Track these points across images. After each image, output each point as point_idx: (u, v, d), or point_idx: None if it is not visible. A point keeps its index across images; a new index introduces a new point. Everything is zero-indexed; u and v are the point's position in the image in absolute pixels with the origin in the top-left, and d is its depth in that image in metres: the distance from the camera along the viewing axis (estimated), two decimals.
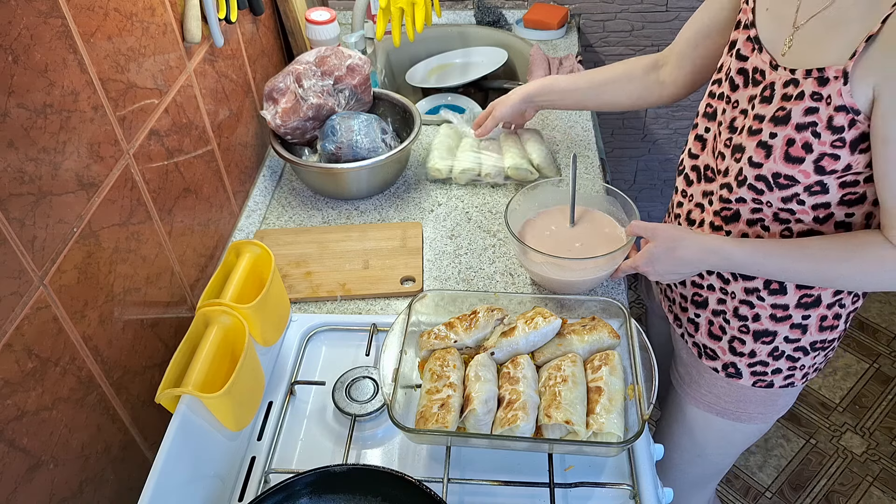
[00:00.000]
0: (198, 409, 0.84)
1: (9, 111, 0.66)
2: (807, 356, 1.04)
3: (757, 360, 1.05)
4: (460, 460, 0.92)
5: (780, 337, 1.02)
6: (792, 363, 1.04)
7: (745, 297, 1.01)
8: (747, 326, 1.03)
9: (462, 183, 1.36)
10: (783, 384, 1.07)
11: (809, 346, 1.02)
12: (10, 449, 0.67)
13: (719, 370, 1.09)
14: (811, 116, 0.83)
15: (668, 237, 0.96)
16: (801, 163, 0.85)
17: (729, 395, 1.11)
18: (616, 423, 0.85)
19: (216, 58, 1.17)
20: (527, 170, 1.31)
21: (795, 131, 0.85)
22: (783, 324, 1.00)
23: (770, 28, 0.90)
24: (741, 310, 1.02)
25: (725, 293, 1.03)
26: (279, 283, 1.01)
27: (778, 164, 0.87)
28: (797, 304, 0.98)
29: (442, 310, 1.01)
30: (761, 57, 0.90)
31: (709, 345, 1.09)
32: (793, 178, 0.87)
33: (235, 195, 1.26)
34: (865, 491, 1.96)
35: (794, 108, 0.84)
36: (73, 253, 0.77)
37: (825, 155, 0.84)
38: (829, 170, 0.84)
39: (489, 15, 1.86)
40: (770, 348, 1.03)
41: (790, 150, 0.86)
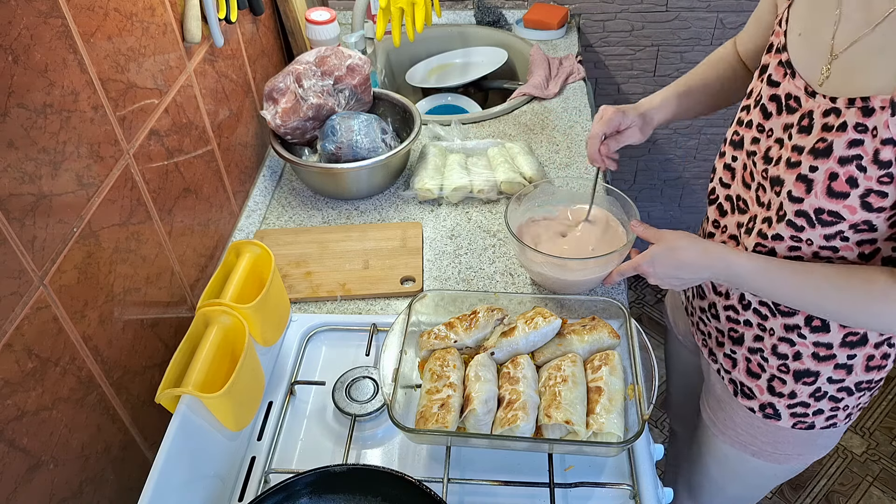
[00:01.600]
0: (198, 409, 0.84)
1: (9, 111, 0.66)
2: (851, 396, 0.97)
3: (797, 401, 0.98)
4: (460, 460, 0.92)
5: (822, 377, 0.95)
6: (835, 403, 0.98)
7: (785, 334, 0.94)
8: (787, 366, 0.96)
9: (454, 201, 1.33)
10: (825, 425, 1.01)
11: (854, 386, 0.95)
12: (10, 449, 0.67)
13: (756, 410, 1.03)
14: (856, 149, 0.77)
15: (672, 238, 0.92)
16: (845, 198, 0.79)
17: (766, 436, 1.05)
18: (616, 423, 0.85)
19: (216, 58, 1.17)
20: (520, 183, 1.30)
21: (839, 165, 0.78)
22: (826, 363, 0.93)
23: (803, 53, 0.84)
24: (780, 347, 0.95)
25: (763, 329, 0.96)
26: (279, 283, 1.01)
27: (820, 200, 0.81)
28: (842, 343, 0.91)
29: (442, 310, 1.01)
30: (794, 83, 0.84)
31: (746, 383, 1.02)
32: (837, 215, 0.80)
33: (235, 195, 1.26)
34: (865, 491, 1.96)
35: (836, 139, 0.78)
36: (73, 253, 0.77)
37: (871, 191, 0.77)
38: (877, 207, 0.78)
39: (489, 15, 1.86)
40: (812, 389, 0.96)
41: (833, 185, 0.79)
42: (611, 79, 2.06)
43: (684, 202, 2.37)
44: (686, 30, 1.94)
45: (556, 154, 1.44)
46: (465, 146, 1.43)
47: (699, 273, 0.92)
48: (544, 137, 1.49)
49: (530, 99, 1.61)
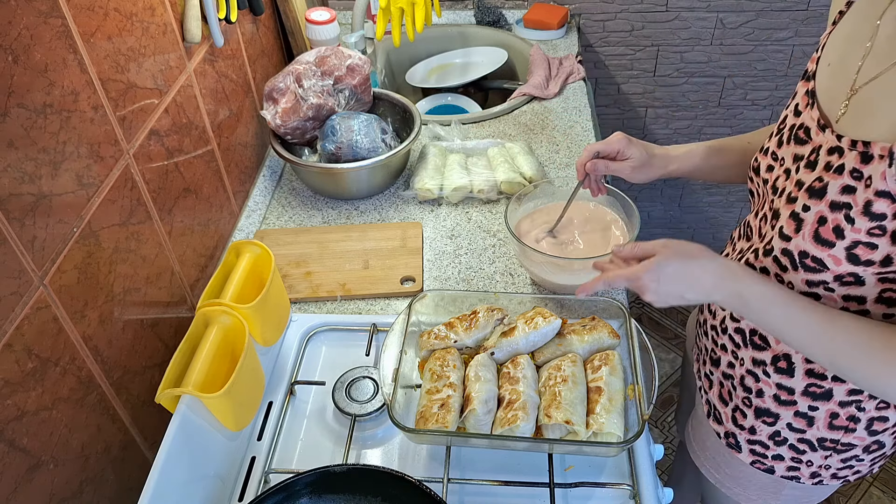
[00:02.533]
0: (198, 409, 0.84)
1: (9, 111, 0.66)
2: (815, 452, 0.91)
3: (757, 438, 0.95)
4: (460, 460, 0.92)
5: (782, 421, 0.90)
6: (796, 454, 0.92)
7: (752, 367, 0.90)
8: (750, 400, 0.93)
9: (454, 202, 1.33)
10: (786, 475, 0.96)
11: (817, 441, 0.90)
12: (10, 449, 0.67)
13: (721, 436, 1.00)
14: (847, 196, 0.71)
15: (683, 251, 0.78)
16: (831, 247, 0.73)
17: (730, 468, 1.02)
18: (616, 423, 0.85)
19: (216, 58, 1.17)
20: (520, 183, 1.30)
21: (829, 209, 0.73)
22: (787, 408, 0.89)
23: (828, 84, 0.78)
24: (746, 380, 0.92)
25: (736, 357, 0.93)
26: (279, 283, 1.01)
27: (807, 243, 0.75)
28: (804, 392, 0.86)
29: (442, 310, 1.01)
30: (811, 113, 0.78)
31: (718, 407, 0.99)
32: (822, 263, 0.74)
33: (235, 195, 1.26)
34: (865, 491, 1.96)
35: (831, 182, 0.72)
36: (73, 253, 0.77)
37: (859, 243, 0.71)
38: (865, 259, 0.72)
39: (489, 15, 1.86)
40: (771, 430, 0.92)
41: (820, 230, 0.73)
42: (611, 79, 2.07)
43: (684, 202, 2.37)
44: (686, 30, 1.94)
45: (556, 154, 1.44)
46: (465, 146, 1.43)
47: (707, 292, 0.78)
48: (544, 137, 1.49)
49: (530, 99, 1.61)
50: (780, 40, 1.94)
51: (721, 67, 2.01)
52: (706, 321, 1.00)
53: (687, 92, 2.08)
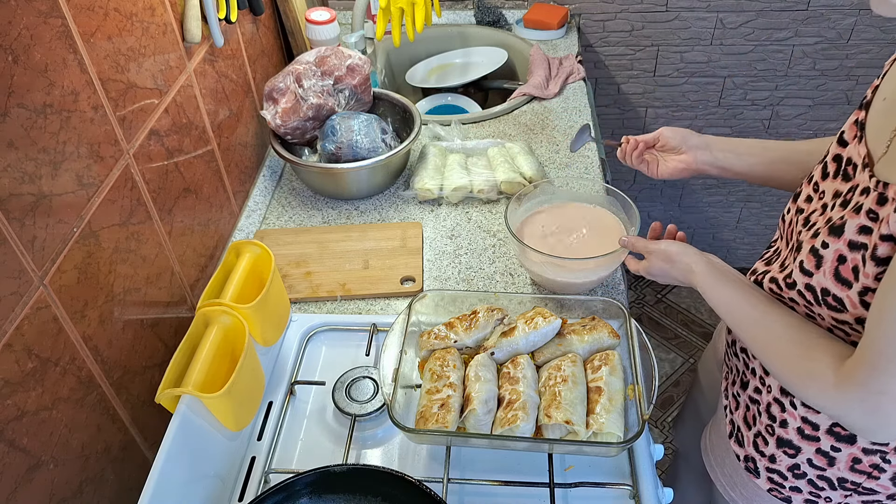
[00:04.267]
0: (198, 409, 0.84)
1: (9, 111, 0.66)
2: (835, 491, 0.88)
3: (776, 468, 0.93)
4: (460, 460, 0.92)
5: (803, 456, 0.88)
6: (815, 489, 0.90)
7: (779, 396, 0.88)
8: (773, 428, 0.90)
9: (454, 202, 1.33)
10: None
11: (837, 481, 0.87)
12: (10, 449, 0.67)
13: (741, 459, 0.98)
14: (864, 237, 0.69)
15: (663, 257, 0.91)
16: (849, 287, 0.71)
17: (746, 491, 1.00)
18: (616, 423, 0.85)
19: (216, 58, 1.17)
20: (520, 183, 1.30)
21: (848, 249, 0.71)
22: (810, 444, 0.86)
23: (879, 120, 0.73)
24: (773, 408, 0.90)
25: (763, 384, 0.91)
26: (279, 283, 1.01)
27: (828, 280, 0.74)
28: (828, 430, 0.84)
29: (442, 310, 1.01)
30: (858, 148, 0.75)
31: (741, 429, 0.97)
32: (842, 303, 0.73)
33: (235, 195, 1.26)
34: None
35: (849, 220, 0.71)
36: (73, 253, 0.77)
37: (869, 290, 0.69)
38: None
39: (489, 15, 1.86)
40: (791, 463, 0.90)
41: (840, 269, 0.72)
42: (611, 79, 2.07)
43: (684, 202, 2.37)
44: (686, 30, 1.94)
45: (556, 154, 1.44)
46: (465, 146, 1.43)
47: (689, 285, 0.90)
48: (544, 137, 1.49)
49: (530, 99, 1.61)
50: (780, 40, 1.94)
51: (721, 67, 2.01)
52: (735, 342, 0.98)
53: (687, 92, 2.08)
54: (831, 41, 1.95)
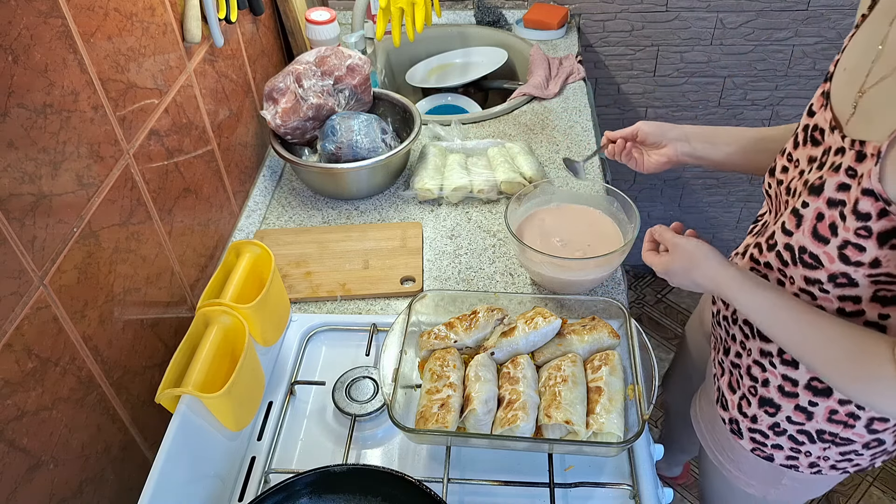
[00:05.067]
0: (198, 409, 0.84)
1: (9, 111, 0.66)
2: (814, 444, 0.93)
3: (758, 427, 0.98)
4: (460, 460, 0.92)
5: (783, 414, 0.93)
6: (795, 445, 0.95)
7: (760, 358, 0.92)
8: (756, 389, 0.95)
9: (454, 202, 1.33)
10: (785, 463, 0.98)
11: (816, 434, 0.92)
12: (10, 449, 0.67)
13: (726, 422, 1.03)
14: (842, 194, 0.73)
15: (687, 257, 0.87)
16: (825, 244, 0.76)
17: (731, 453, 1.06)
18: (616, 423, 0.85)
19: (216, 58, 1.17)
20: (520, 183, 1.30)
21: (826, 206, 0.75)
22: (789, 400, 0.91)
23: (842, 87, 0.79)
24: (753, 370, 0.94)
25: (744, 348, 0.95)
26: (279, 283, 1.01)
27: (805, 239, 0.78)
28: (806, 385, 0.88)
29: (442, 310, 1.01)
30: (825, 115, 0.80)
31: (725, 394, 1.02)
32: (818, 259, 0.77)
33: (235, 195, 1.26)
34: (865, 491, 1.96)
35: (829, 179, 0.75)
36: (73, 253, 0.77)
37: (849, 243, 0.73)
38: (854, 261, 0.74)
39: (489, 15, 1.86)
40: (772, 421, 0.95)
41: (818, 227, 0.76)
42: (611, 79, 2.07)
43: (684, 202, 2.37)
44: (686, 30, 1.94)
45: (556, 154, 1.44)
46: (465, 146, 1.43)
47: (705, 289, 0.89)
48: (544, 137, 1.49)
49: (530, 99, 1.61)
50: (780, 40, 1.95)
51: (721, 67, 2.02)
52: (719, 311, 1.02)
53: (687, 92, 2.08)
54: (831, 41, 1.95)
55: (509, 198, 1.32)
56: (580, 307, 1.01)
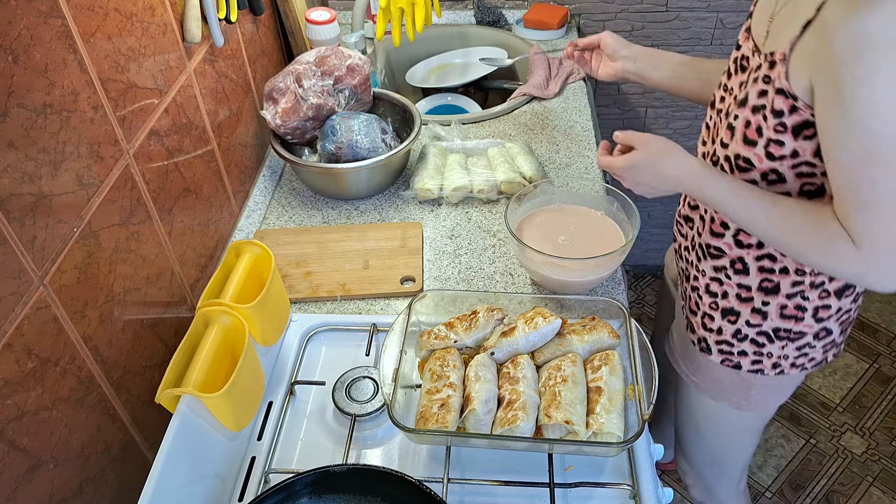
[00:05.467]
0: (198, 409, 0.84)
1: (9, 111, 0.66)
2: (772, 343, 1.05)
3: (723, 338, 1.09)
4: (460, 460, 0.92)
5: (742, 319, 1.05)
6: (757, 348, 1.07)
7: (714, 274, 1.05)
8: (717, 303, 1.07)
9: (454, 202, 1.33)
10: (751, 368, 1.09)
11: (773, 332, 1.04)
12: (10, 449, 0.67)
13: (695, 343, 1.14)
14: (762, 99, 0.86)
15: (658, 150, 0.93)
16: (753, 146, 0.88)
17: (705, 372, 1.16)
18: (616, 423, 0.85)
19: (216, 58, 1.17)
20: (520, 183, 1.30)
21: (751, 113, 0.88)
22: (746, 305, 1.03)
23: (758, 17, 0.92)
24: (712, 286, 1.07)
25: (699, 270, 1.08)
26: (279, 283, 1.01)
27: (738, 146, 0.91)
28: (758, 288, 1.01)
29: (442, 310, 1.01)
30: (748, 44, 0.92)
31: (690, 318, 1.15)
32: (749, 162, 0.90)
33: (235, 195, 1.26)
34: (865, 491, 1.96)
35: (751, 90, 0.88)
36: (73, 253, 0.77)
37: (772, 141, 0.86)
38: (778, 156, 0.87)
39: (489, 15, 1.86)
40: (734, 329, 1.06)
41: (747, 132, 0.89)
42: None
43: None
44: (686, 30, 1.94)
45: (556, 154, 1.44)
46: (465, 146, 1.43)
47: (675, 186, 0.94)
48: (544, 137, 1.49)
49: (530, 99, 1.61)
50: None
51: None
52: (680, 245, 1.14)
53: None
54: None
55: (509, 198, 1.32)
56: (580, 307, 1.01)
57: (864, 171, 0.76)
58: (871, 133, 0.74)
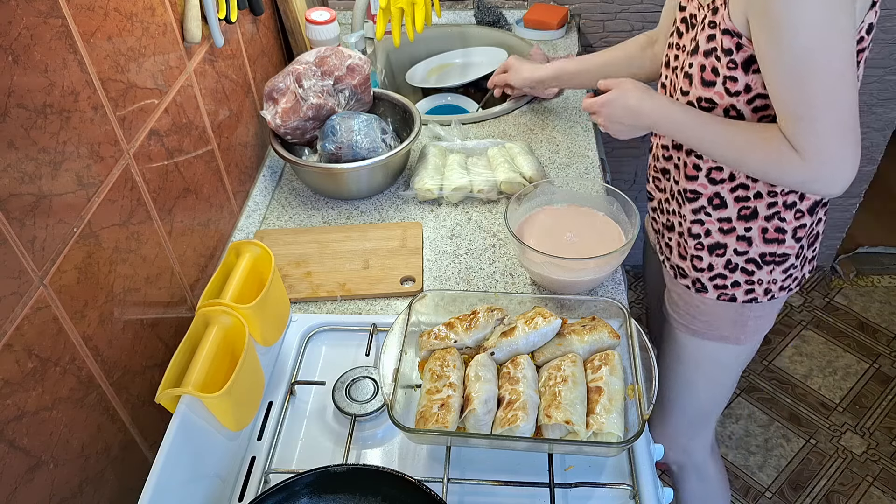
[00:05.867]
0: (198, 409, 0.84)
1: (9, 111, 0.66)
2: (761, 270, 1.11)
3: (716, 273, 1.14)
4: (460, 460, 0.92)
5: (730, 249, 1.11)
6: (748, 276, 1.12)
7: (694, 216, 1.11)
8: (702, 243, 1.13)
9: (454, 201, 1.33)
10: (745, 299, 1.15)
11: (759, 258, 1.10)
12: (10, 449, 0.67)
13: (690, 287, 1.19)
14: (711, 43, 0.94)
15: (630, 87, 1.02)
16: (713, 86, 0.96)
17: (703, 314, 1.20)
18: (616, 423, 0.85)
19: (216, 58, 1.17)
20: (520, 183, 1.30)
21: (704, 58, 0.96)
22: (730, 236, 1.09)
23: None
24: (694, 229, 1.12)
25: (680, 216, 1.14)
26: (279, 283, 1.01)
27: (698, 90, 0.98)
28: (738, 217, 1.07)
29: (442, 310, 1.01)
30: (693, 3, 1.00)
31: (679, 265, 1.19)
32: (711, 101, 0.98)
33: (235, 195, 1.26)
34: (865, 491, 1.96)
35: (700, 37, 0.97)
36: (73, 253, 0.77)
37: (727, 78, 0.94)
38: (734, 91, 0.94)
39: (489, 15, 1.85)
40: (724, 261, 1.12)
41: (704, 76, 0.97)
42: None
43: None
44: None
45: (556, 154, 1.44)
46: (465, 146, 1.43)
47: (642, 119, 1.02)
48: (544, 137, 1.49)
49: (530, 99, 1.61)
50: None
51: None
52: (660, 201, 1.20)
53: None
54: None
55: (509, 198, 1.32)
56: (580, 307, 1.01)
57: (799, 86, 0.85)
58: (803, 50, 0.83)
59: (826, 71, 0.84)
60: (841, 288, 2.54)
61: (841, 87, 0.85)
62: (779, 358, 2.32)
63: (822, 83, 0.85)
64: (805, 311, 2.46)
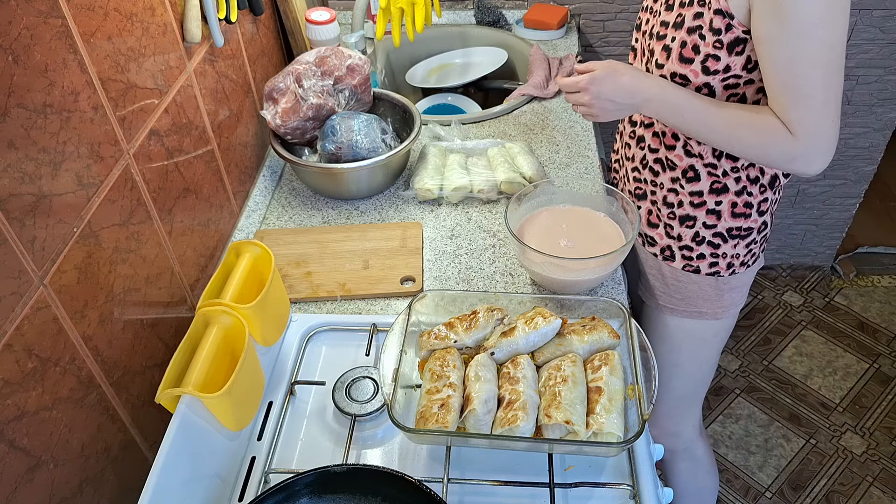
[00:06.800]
0: (198, 409, 0.84)
1: (9, 111, 0.66)
2: (726, 244, 1.16)
3: (684, 244, 1.18)
4: (460, 460, 0.92)
5: (699, 222, 1.15)
6: (714, 249, 1.17)
7: (671, 185, 1.15)
8: (674, 213, 1.17)
9: (454, 201, 1.33)
10: (709, 271, 1.19)
11: (726, 232, 1.15)
12: (10, 449, 0.67)
13: (658, 255, 1.23)
14: (698, 20, 0.97)
15: (617, 64, 1.04)
16: (691, 63, 0.99)
17: (677, 291, 1.24)
18: (616, 423, 0.85)
19: (216, 58, 1.17)
20: (520, 183, 1.30)
21: (687, 34, 0.98)
22: (701, 209, 1.14)
23: None
24: (669, 198, 1.16)
25: (656, 185, 1.17)
26: (279, 283, 1.01)
27: (674, 65, 1.01)
28: (710, 191, 1.11)
29: (442, 310, 1.01)
30: None
31: (649, 233, 1.23)
32: (685, 78, 1.01)
33: (235, 195, 1.26)
34: (865, 491, 1.96)
35: (686, 13, 0.98)
36: (73, 253, 0.77)
37: (709, 56, 0.97)
38: (713, 70, 0.98)
39: (489, 15, 1.86)
40: (692, 233, 1.16)
41: (683, 52, 0.99)
42: None
43: None
44: None
45: (556, 154, 1.44)
46: (465, 146, 1.43)
47: (633, 97, 1.02)
48: (544, 137, 1.49)
49: (530, 99, 1.61)
50: None
51: None
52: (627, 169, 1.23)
53: None
54: None
55: (509, 198, 1.32)
56: (580, 307, 1.01)
57: (799, 69, 0.90)
58: (805, 36, 0.87)
59: (827, 46, 0.88)
60: (841, 288, 2.54)
61: (836, 65, 0.89)
62: (779, 358, 2.32)
63: (821, 59, 0.89)
64: (805, 311, 2.47)
